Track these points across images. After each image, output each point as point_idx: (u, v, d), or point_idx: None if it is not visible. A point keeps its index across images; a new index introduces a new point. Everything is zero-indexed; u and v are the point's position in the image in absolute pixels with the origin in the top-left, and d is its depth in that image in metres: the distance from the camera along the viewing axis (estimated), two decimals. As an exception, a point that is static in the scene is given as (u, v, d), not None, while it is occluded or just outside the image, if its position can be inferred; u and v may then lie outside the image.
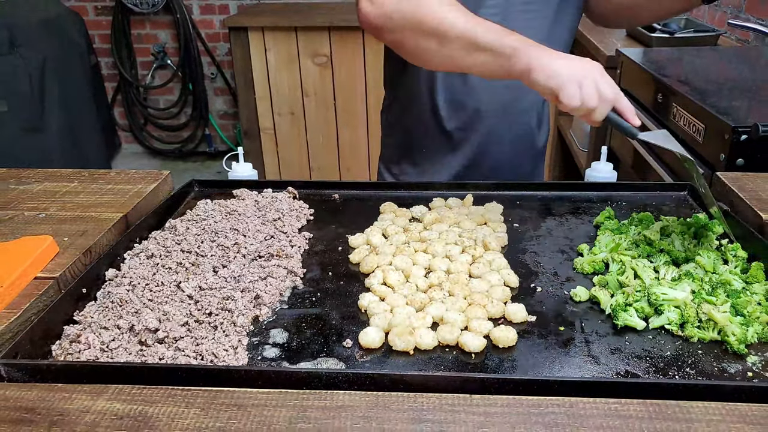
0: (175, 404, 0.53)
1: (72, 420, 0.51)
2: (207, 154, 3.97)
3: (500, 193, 1.04)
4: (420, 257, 0.83)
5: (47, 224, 0.86)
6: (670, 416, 0.50)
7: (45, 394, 0.54)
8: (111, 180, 1.02)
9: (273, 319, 0.73)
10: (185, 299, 0.74)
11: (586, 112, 0.80)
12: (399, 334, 0.67)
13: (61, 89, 2.94)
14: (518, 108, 1.16)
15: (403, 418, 0.51)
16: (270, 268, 0.80)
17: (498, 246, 0.86)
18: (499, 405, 0.52)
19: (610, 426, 0.50)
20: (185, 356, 0.64)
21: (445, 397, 0.53)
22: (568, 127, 2.75)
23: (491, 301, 0.73)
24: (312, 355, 0.66)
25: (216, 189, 1.07)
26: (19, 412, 0.52)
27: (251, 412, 0.52)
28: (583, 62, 0.81)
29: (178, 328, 0.68)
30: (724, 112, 1.20)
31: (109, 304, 0.73)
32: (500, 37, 0.83)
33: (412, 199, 1.02)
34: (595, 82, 0.79)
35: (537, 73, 0.79)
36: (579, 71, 0.79)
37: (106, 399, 0.54)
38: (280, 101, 3.14)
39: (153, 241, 0.87)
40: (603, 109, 0.80)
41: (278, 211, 0.96)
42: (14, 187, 0.98)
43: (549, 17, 1.09)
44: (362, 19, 0.91)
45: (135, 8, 3.59)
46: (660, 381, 0.55)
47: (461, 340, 0.67)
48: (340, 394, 0.54)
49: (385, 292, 0.76)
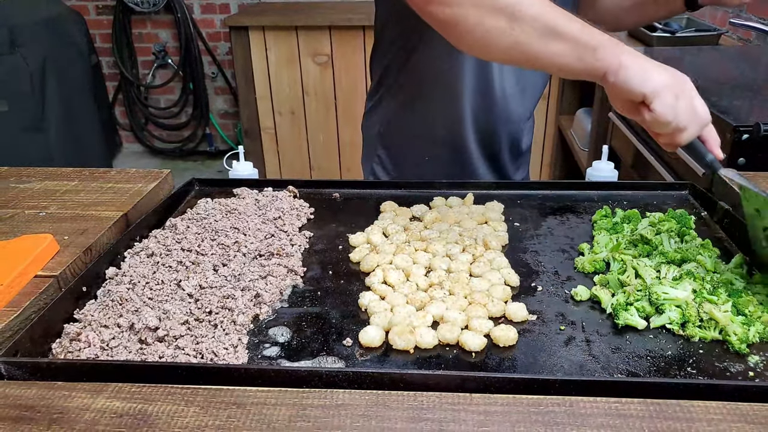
0: (174, 402, 0.53)
1: (72, 418, 0.51)
2: (207, 153, 3.97)
3: (501, 192, 1.04)
4: (420, 256, 0.83)
5: (47, 222, 0.86)
6: (671, 415, 0.50)
7: (45, 392, 0.54)
8: (111, 179, 1.01)
9: (273, 317, 0.72)
10: (185, 298, 0.74)
11: (673, 131, 0.70)
12: (399, 332, 0.67)
13: (62, 89, 2.94)
14: (517, 117, 1.17)
15: (403, 417, 0.51)
16: (270, 267, 0.80)
17: (498, 245, 0.86)
18: (499, 404, 0.52)
19: (610, 425, 0.50)
20: (185, 354, 0.64)
21: (445, 396, 0.53)
22: (568, 127, 2.74)
23: (492, 300, 0.73)
24: (312, 353, 0.66)
25: (216, 188, 1.07)
26: (18, 410, 0.52)
27: (251, 411, 0.52)
28: (677, 73, 0.72)
29: (178, 327, 0.68)
30: (725, 112, 1.20)
31: (109, 302, 0.72)
32: (584, 27, 0.73)
33: (412, 198, 1.02)
34: (692, 98, 0.70)
35: (631, 72, 0.70)
36: (677, 82, 0.70)
37: (106, 397, 0.54)
38: (280, 100, 3.14)
39: (153, 240, 0.87)
40: (693, 131, 0.71)
41: (279, 210, 0.96)
42: (14, 185, 0.98)
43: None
44: None
45: (136, 7, 3.59)
46: (661, 380, 0.54)
47: (462, 339, 0.67)
48: (340, 393, 0.54)
49: (385, 291, 0.76)
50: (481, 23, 0.74)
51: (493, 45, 0.76)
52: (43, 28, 2.87)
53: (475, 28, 0.75)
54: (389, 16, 1.10)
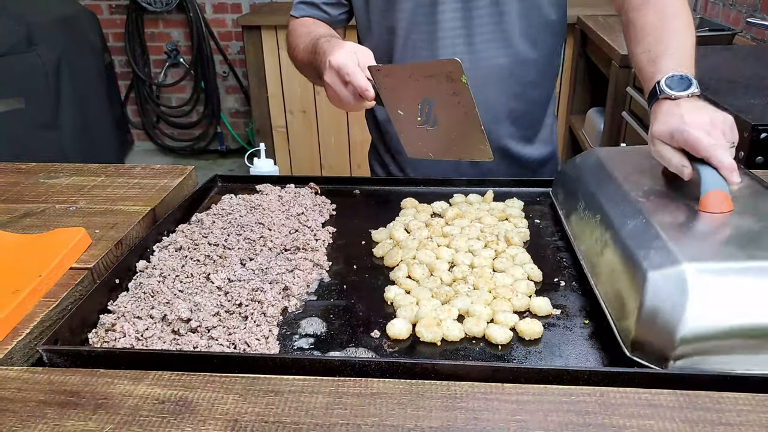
0: (213, 390, 0.54)
1: (116, 404, 0.53)
2: (218, 152, 4.00)
3: (519, 189, 1.05)
4: (443, 252, 0.84)
5: (78, 217, 0.88)
6: (701, 406, 0.51)
7: (88, 378, 0.56)
8: (137, 174, 1.03)
9: (301, 310, 0.74)
10: (214, 290, 0.76)
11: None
12: (426, 325, 0.68)
13: (77, 87, 2.97)
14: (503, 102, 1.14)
15: (437, 406, 0.52)
16: (296, 261, 0.82)
17: (520, 241, 0.87)
18: (531, 393, 0.53)
19: (641, 414, 0.51)
20: (219, 345, 0.65)
21: (477, 386, 0.54)
22: (580, 127, 2.75)
23: (516, 295, 0.74)
24: (341, 344, 0.67)
25: (239, 184, 1.09)
26: (64, 396, 0.54)
27: (288, 398, 0.53)
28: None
29: (209, 318, 0.69)
30: (743, 111, 1.21)
31: (141, 294, 0.74)
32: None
33: (430, 194, 1.03)
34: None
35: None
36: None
37: (147, 384, 0.55)
38: (292, 100, 3.16)
39: (180, 234, 0.88)
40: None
41: (302, 206, 0.97)
42: (44, 180, 1.00)
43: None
44: None
45: (149, 7, 3.62)
46: (690, 372, 0.55)
47: (488, 331, 0.68)
48: (375, 382, 0.55)
49: (410, 285, 0.77)
50: None
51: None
52: (59, 27, 2.90)
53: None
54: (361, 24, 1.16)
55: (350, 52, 0.85)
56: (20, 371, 0.57)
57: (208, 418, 0.51)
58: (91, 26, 3.30)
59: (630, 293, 0.62)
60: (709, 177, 0.69)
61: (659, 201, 0.74)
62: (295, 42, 1.09)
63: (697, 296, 0.56)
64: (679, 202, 0.73)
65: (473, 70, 1.05)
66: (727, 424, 0.49)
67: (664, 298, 0.57)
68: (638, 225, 0.68)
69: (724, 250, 0.64)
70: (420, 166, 1.18)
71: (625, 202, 0.75)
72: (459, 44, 1.06)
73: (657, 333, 0.57)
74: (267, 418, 0.51)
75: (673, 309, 0.56)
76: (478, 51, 1.07)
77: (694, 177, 0.72)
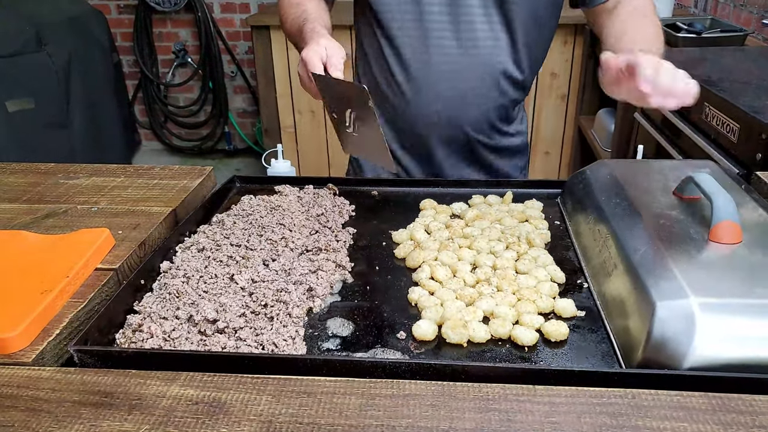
0: (246, 391, 0.55)
1: (150, 404, 0.53)
2: (225, 151, 4.00)
3: (538, 191, 1.05)
4: (465, 253, 0.84)
5: (100, 217, 0.88)
6: (734, 408, 0.51)
7: (120, 379, 0.56)
8: (156, 175, 1.04)
9: (326, 311, 0.74)
10: (239, 291, 0.76)
11: None
12: (452, 327, 0.68)
13: (86, 86, 2.98)
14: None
15: (470, 407, 0.52)
16: (319, 262, 0.82)
17: (542, 243, 0.87)
18: (563, 395, 0.53)
19: (674, 417, 0.51)
20: (247, 346, 0.66)
21: (509, 388, 0.54)
22: (589, 127, 2.74)
23: (540, 297, 0.74)
24: (367, 345, 0.67)
25: (257, 185, 1.09)
26: (98, 396, 0.54)
27: (321, 399, 0.54)
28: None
29: (236, 319, 0.70)
30: (758, 111, 1.21)
31: (166, 295, 0.74)
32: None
33: (449, 195, 1.03)
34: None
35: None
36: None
37: (180, 385, 0.55)
38: (300, 99, 3.16)
39: (202, 235, 0.89)
40: None
41: (321, 207, 0.98)
42: (64, 181, 1.01)
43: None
44: None
45: (157, 7, 3.63)
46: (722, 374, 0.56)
47: (514, 333, 0.68)
48: (406, 383, 0.55)
49: (434, 286, 0.78)
50: None
51: None
52: (68, 27, 2.91)
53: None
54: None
55: (321, 48, 0.90)
56: (53, 371, 0.58)
57: (243, 419, 0.51)
58: (99, 26, 3.30)
59: (637, 322, 0.62)
60: (721, 207, 0.70)
61: (670, 227, 0.73)
62: (284, 10, 1.12)
63: (705, 330, 0.57)
64: (689, 230, 0.73)
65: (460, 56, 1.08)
66: (761, 427, 0.49)
67: (671, 330, 0.58)
68: (648, 252, 0.68)
69: (733, 284, 0.63)
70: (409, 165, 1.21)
71: (636, 225, 0.75)
72: (446, 38, 1.07)
73: (662, 363, 0.58)
74: (301, 419, 0.51)
75: (680, 341, 0.57)
76: (464, 40, 1.07)
77: (705, 203, 0.73)
